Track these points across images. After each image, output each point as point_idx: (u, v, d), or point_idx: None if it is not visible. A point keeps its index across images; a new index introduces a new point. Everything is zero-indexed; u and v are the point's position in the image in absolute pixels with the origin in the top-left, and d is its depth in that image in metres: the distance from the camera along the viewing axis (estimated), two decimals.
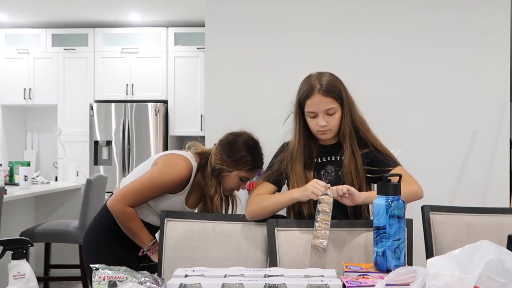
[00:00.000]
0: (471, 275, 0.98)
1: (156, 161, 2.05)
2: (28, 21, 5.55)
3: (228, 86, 3.08)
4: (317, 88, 1.80)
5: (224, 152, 2.02)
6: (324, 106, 1.80)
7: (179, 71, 5.55)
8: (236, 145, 2.02)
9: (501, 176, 3.02)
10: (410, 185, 1.76)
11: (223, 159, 2.01)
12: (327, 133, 1.85)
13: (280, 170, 1.90)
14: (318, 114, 1.82)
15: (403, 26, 3.06)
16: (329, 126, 1.83)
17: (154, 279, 1.22)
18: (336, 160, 1.89)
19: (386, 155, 1.89)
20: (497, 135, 3.01)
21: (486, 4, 3.03)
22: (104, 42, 5.57)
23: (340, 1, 3.09)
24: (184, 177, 2.01)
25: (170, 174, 1.98)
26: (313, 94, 1.80)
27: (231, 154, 2.01)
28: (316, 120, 1.83)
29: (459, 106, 3.03)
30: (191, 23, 5.48)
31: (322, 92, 1.80)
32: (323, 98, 1.80)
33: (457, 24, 3.04)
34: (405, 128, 3.00)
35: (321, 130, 1.83)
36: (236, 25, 3.12)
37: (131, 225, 1.99)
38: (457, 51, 3.04)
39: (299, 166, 1.86)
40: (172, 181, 1.98)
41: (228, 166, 2.01)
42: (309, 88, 1.82)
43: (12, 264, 1.18)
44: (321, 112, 1.81)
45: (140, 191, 1.98)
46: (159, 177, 1.98)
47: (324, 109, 1.80)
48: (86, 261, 2.05)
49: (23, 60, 5.62)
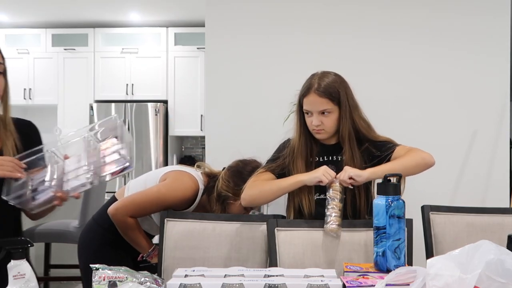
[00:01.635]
0: (471, 275, 0.98)
1: (165, 176, 2.03)
2: (28, 21, 5.55)
3: (228, 86, 3.08)
4: (314, 88, 1.81)
5: (232, 180, 2.02)
6: (318, 106, 1.81)
7: (179, 71, 5.55)
8: (244, 173, 2.01)
9: (501, 176, 3.02)
10: (415, 153, 1.77)
11: (230, 186, 2.01)
12: (321, 133, 1.85)
13: (283, 166, 1.89)
14: (313, 113, 1.83)
15: (403, 27, 3.06)
16: (323, 127, 1.83)
17: (154, 279, 1.22)
18: (337, 160, 1.89)
19: (383, 142, 1.88)
20: (497, 135, 3.01)
21: (486, 5, 3.03)
22: (104, 42, 5.57)
23: (340, 2, 3.09)
24: (189, 197, 2.00)
25: (176, 192, 1.97)
26: (309, 93, 1.82)
27: (239, 183, 1.98)
28: (311, 118, 1.84)
29: (459, 106, 3.03)
30: (191, 23, 5.48)
31: (318, 93, 1.81)
32: (318, 98, 1.81)
33: (457, 25, 3.04)
34: (405, 128, 3.00)
35: (315, 129, 1.85)
36: (236, 25, 3.12)
37: (132, 233, 1.99)
38: (457, 51, 3.04)
39: (301, 163, 1.86)
40: (178, 199, 1.97)
41: (234, 194, 2.00)
42: (307, 87, 1.84)
43: (12, 264, 1.18)
44: (315, 112, 1.82)
45: (145, 204, 1.97)
46: (166, 193, 1.97)
47: (318, 109, 1.81)
48: (81, 260, 2.06)
49: (23, 60, 5.63)
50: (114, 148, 1.46)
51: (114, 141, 1.46)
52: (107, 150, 1.47)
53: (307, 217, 1.83)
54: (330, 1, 3.09)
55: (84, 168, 1.45)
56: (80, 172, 1.46)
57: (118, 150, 1.45)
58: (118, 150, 1.45)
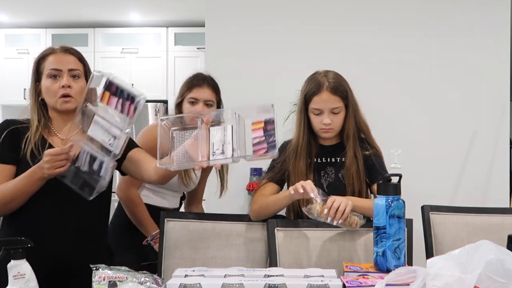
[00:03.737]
0: (471, 275, 0.98)
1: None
2: (28, 21, 5.55)
3: (228, 86, 3.07)
4: (325, 85, 1.81)
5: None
6: (331, 104, 1.81)
7: (179, 71, 5.54)
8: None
9: (501, 176, 3.02)
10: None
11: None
12: (330, 132, 1.85)
13: (282, 170, 1.89)
14: (324, 111, 1.82)
15: (402, 27, 3.06)
16: (333, 125, 1.83)
17: (154, 279, 1.22)
18: (336, 161, 1.89)
19: (382, 164, 1.89)
20: (497, 135, 3.01)
21: (486, 5, 3.03)
22: (104, 42, 5.57)
23: (340, 4, 3.09)
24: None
25: (148, 133, 2.17)
26: (322, 91, 1.81)
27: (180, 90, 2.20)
28: (320, 117, 1.83)
29: (459, 107, 3.04)
30: (191, 23, 5.48)
31: (331, 90, 1.81)
32: (331, 96, 1.81)
33: (457, 25, 3.04)
34: (405, 129, 3.00)
35: (325, 128, 1.83)
36: (236, 25, 3.12)
37: (136, 210, 2.09)
38: (457, 52, 3.04)
39: (302, 163, 1.86)
40: (151, 139, 1.99)
41: (177, 99, 2.19)
42: (317, 85, 1.82)
43: (12, 264, 1.18)
44: (326, 110, 1.81)
45: None
46: (140, 139, 2.12)
47: (330, 107, 1.81)
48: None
49: (23, 60, 5.61)
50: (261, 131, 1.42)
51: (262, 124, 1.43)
52: (255, 132, 1.43)
53: (306, 218, 1.82)
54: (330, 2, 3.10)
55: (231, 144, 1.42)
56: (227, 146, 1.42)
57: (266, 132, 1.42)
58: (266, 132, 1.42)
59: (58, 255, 1.58)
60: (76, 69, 1.62)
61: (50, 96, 1.61)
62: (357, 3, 3.10)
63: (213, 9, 3.15)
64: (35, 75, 1.64)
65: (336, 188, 1.84)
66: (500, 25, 3.01)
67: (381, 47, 3.06)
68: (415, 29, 3.06)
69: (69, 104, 1.60)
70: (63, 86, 1.58)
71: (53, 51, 1.63)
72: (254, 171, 3.13)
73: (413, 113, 3.03)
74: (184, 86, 2.19)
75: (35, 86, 1.64)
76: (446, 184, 3.02)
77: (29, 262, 1.21)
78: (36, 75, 1.63)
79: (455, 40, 3.04)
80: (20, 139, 1.61)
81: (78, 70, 1.63)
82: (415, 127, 3.02)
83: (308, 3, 3.10)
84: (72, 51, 1.65)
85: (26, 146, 1.59)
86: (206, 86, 2.14)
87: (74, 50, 1.66)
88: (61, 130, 1.65)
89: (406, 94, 3.04)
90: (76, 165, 1.50)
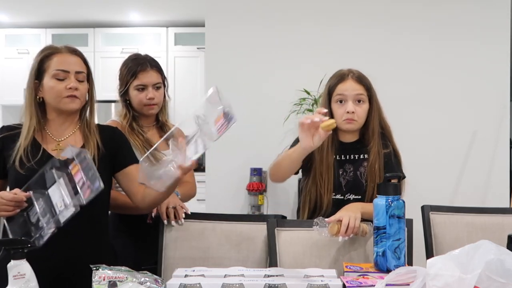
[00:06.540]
0: (471, 275, 0.98)
1: None
2: (28, 21, 5.55)
3: (228, 86, 3.08)
4: (350, 75, 1.86)
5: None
6: (355, 91, 1.83)
7: (179, 71, 5.55)
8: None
9: (501, 176, 3.02)
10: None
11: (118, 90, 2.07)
12: (353, 123, 1.84)
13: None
14: (348, 99, 1.82)
15: (402, 28, 3.07)
16: (356, 116, 1.83)
17: (154, 279, 1.22)
18: (355, 159, 1.88)
19: (399, 164, 1.90)
20: (497, 135, 3.01)
21: (486, 5, 3.03)
22: (104, 42, 5.57)
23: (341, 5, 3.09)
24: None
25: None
26: (346, 80, 1.85)
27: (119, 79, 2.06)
28: (344, 106, 1.83)
29: (459, 107, 3.04)
30: (191, 23, 5.47)
31: (355, 79, 1.85)
32: (355, 84, 1.84)
33: (457, 25, 3.04)
34: (405, 128, 3.00)
35: (348, 118, 1.82)
36: (236, 25, 3.12)
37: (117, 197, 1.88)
38: (457, 51, 3.04)
39: (327, 153, 1.82)
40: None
41: (121, 88, 2.04)
42: (341, 75, 1.87)
43: (12, 264, 1.18)
44: (350, 97, 1.82)
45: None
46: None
47: (354, 93, 1.83)
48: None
49: (23, 60, 5.60)
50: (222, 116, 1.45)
51: (220, 110, 1.45)
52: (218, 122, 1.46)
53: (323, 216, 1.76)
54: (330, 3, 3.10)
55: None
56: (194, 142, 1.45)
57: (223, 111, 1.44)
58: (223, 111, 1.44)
59: (59, 261, 1.56)
60: (82, 72, 1.61)
61: (54, 96, 1.58)
62: (357, 4, 3.10)
63: (213, 9, 3.15)
64: (36, 73, 1.60)
65: (355, 186, 1.85)
66: (500, 25, 3.02)
67: (381, 47, 3.06)
68: (414, 30, 3.06)
69: (74, 104, 1.59)
70: (70, 88, 1.57)
71: (58, 51, 1.61)
72: (254, 171, 3.13)
73: (413, 113, 3.03)
74: (126, 73, 2.04)
75: (34, 84, 1.60)
76: (446, 184, 3.02)
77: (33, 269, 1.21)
78: (38, 73, 1.60)
79: (455, 40, 3.04)
80: (10, 147, 1.58)
81: (84, 73, 1.62)
82: (415, 127, 3.02)
83: (308, 4, 3.10)
84: (77, 52, 1.64)
85: (15, 153, 1.56)
86: (151, 68, 2.04)
87: (79, 51, 1.65)
88: (57, 133, 1.63)
89: (406, 94, 3.04)
90: (27, 212, 1.48)
